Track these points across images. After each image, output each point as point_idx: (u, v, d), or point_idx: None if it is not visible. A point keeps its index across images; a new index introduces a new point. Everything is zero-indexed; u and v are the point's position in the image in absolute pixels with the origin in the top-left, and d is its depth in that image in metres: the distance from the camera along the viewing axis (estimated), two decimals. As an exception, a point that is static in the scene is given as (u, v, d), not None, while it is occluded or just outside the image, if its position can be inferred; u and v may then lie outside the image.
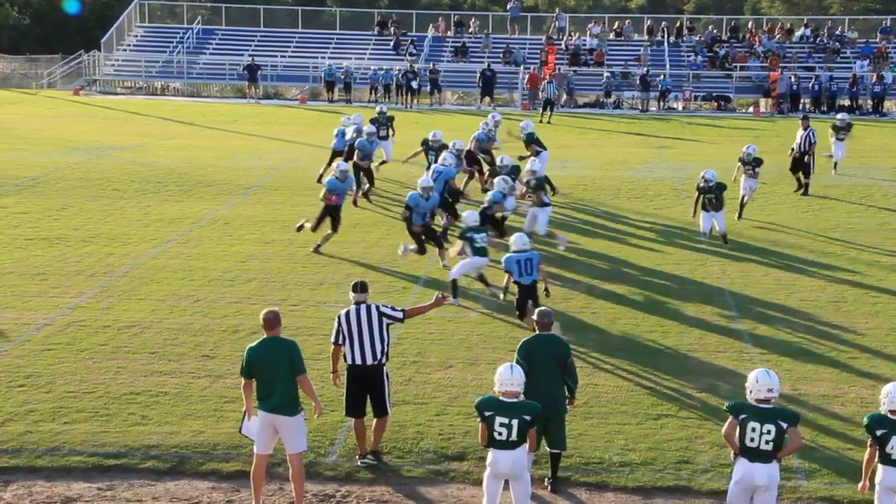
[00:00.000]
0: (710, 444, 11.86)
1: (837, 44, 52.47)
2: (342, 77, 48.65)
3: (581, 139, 35.19)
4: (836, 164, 29.27)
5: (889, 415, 9.28)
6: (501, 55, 51.49)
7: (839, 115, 31.54)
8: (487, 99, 47.38)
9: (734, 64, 50.91)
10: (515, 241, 15.62)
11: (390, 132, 28.40)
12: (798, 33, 54.06)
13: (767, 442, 9.19)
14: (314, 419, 10.98)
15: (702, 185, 20.95)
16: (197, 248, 20.57)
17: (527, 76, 47.78)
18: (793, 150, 26.80)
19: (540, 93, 44.43)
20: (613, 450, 11.81)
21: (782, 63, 49.74)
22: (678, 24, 55.93)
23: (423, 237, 18.89)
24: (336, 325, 11.25)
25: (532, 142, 25.05)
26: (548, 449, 10.97)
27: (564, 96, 48.25)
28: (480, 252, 17.15)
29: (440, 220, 20.72)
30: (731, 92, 49.56)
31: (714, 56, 51.44)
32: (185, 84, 52.60)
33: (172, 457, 11.54)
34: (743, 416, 9.27)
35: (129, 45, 54.50)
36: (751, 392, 9.38)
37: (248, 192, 26.12)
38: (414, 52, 51.47)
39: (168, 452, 11.63)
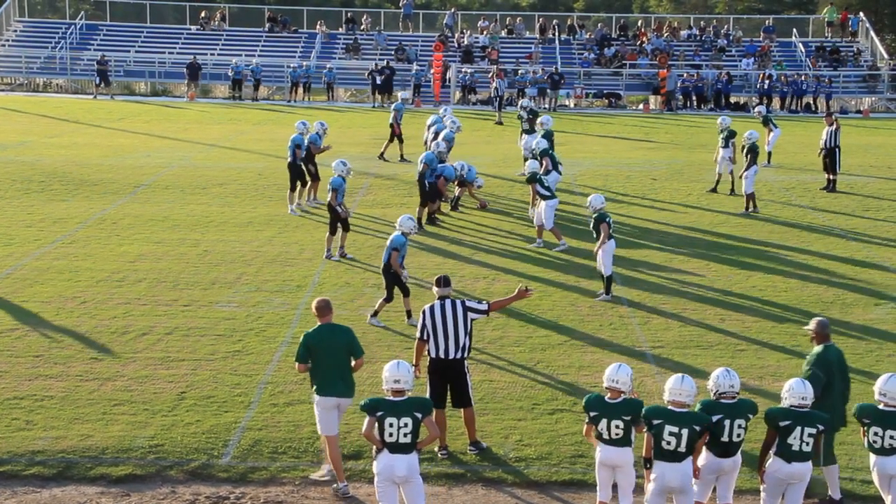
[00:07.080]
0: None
1: (724, 42, 53.64)
2: (250, 75, 47.82)
3: (475, 136, 35.27)
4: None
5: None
6: (394, 52, 51.36)
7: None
8: (385, 96, 47.00)
9: (624, 62, 51.65)
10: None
11: None
12: (685, 32, 55.13)
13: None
14: (209, 419, 10.76)
15: None
16: (84, 249, 20.03)
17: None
18: (821, 149, 27.21)
19: (492, 92, 43.87)
20: (509, 445, 11.84)
21: (670, 61, 50.63)
22: (569, 21, 56.52)
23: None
24: (421, 319, 11.64)
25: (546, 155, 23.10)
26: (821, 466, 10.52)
27: (458, 94, 48.42)
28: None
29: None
30: (621, 89, 50.26)
31: (604, 54, 52.08)
32: (69, 80, 51.29)
33: (59, 462, 11.20)
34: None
35: (7, 41, 52.93)
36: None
37: (137, 191, 25.55)
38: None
39: (54, 458, 11.28)
